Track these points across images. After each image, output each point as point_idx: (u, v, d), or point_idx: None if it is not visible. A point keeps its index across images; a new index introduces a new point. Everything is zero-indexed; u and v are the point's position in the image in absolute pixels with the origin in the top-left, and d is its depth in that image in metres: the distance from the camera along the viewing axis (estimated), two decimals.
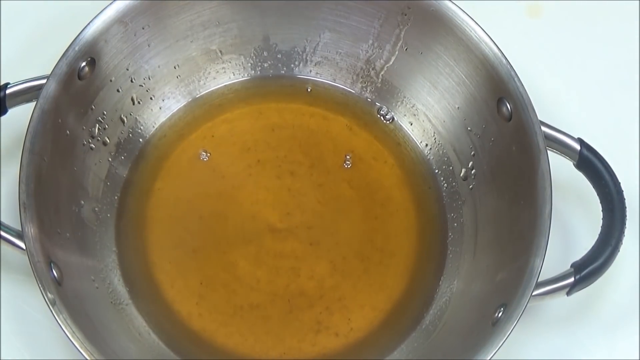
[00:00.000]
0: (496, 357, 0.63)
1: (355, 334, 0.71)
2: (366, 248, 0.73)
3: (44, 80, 0.68)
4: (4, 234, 0.66)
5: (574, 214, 0.76)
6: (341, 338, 0.71)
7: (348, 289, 0.72)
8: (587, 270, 0.67)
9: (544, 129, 0.69)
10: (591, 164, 0.70)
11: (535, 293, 0.65)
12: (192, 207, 0.74)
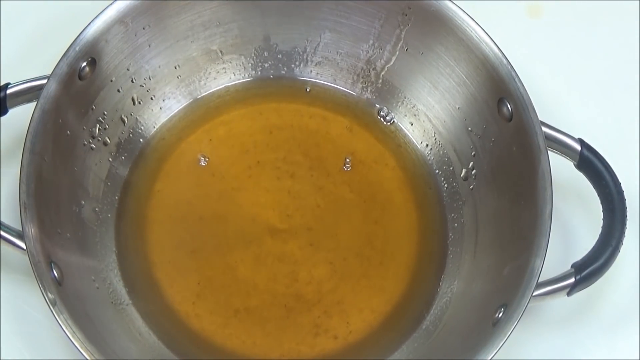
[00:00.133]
0: (497, 357, 0.63)
1: (355, 336, 0.71)
2: (366, 249, 0.73)
3: (45, 81, 0.68)
4: (4, 234, 0.66)
5: (574, 214, 0.76)
6: (340, 340, 0.71)
7: (347, 292, 0.72)
8: (588, 270, 0.67)
9: (544, 129, 0.69)
10: (592, 164, 0.70)
11: (535, 293, 0.65)
12: (192, 208, 0.74)
